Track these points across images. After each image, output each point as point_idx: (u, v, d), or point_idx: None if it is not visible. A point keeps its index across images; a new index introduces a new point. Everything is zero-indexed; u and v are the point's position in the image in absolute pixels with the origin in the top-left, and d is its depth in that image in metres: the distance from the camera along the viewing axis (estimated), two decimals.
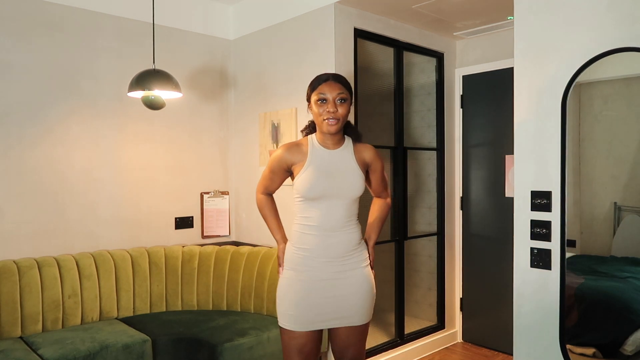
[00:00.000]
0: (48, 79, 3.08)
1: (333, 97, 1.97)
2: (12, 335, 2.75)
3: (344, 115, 1.99)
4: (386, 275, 3.97)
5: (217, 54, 3.86)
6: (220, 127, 3.88)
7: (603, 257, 2.30)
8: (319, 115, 1.99)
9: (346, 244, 2.05)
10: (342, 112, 1.98)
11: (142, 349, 2.67)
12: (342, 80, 2.03)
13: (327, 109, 1.97)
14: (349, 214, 2.06)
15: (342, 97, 1.98)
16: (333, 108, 1.96)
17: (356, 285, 2.06)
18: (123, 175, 3.38)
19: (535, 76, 2.20)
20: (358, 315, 2.07)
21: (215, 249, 3.45)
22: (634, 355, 2.09)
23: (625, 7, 1.96)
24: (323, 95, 1.98)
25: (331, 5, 3.11)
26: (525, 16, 2.24)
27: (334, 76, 2.03)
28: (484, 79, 3.88)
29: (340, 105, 1.98)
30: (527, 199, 2.23)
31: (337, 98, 1.97)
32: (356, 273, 2.07)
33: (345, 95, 2.00)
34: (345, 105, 1.99)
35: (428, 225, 4.07)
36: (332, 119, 1.96)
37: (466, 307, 4.05)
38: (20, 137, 2.99)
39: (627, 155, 2.22)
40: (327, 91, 1.97)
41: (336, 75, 2.05)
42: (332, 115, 1.96)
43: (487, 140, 3.90)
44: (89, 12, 3.23)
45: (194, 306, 3.35)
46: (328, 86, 1.98)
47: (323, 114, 1.98)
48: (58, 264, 2.97)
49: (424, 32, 3.73)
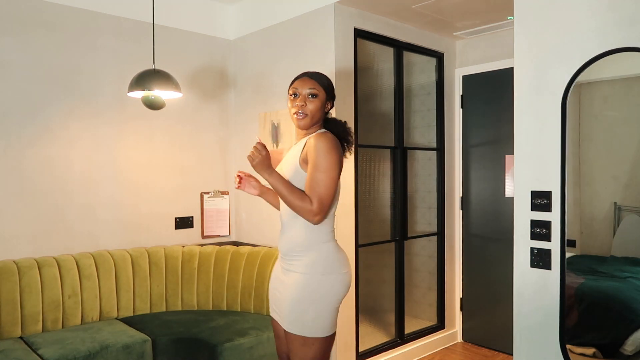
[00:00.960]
0: (48, 78, 3.08)
1: (304, 93, 2.00)
2: (12, 335, 2.75)
3: (312, 110, 1.99)
4: (386, 275, 3.98)
5: (217, 54, 3.86)
6: (220, 127, 3.88)
7: (603, 257, 2.30)
8: (290, 109, 2.03)
9: (288, 243, 2.00)
10: (310, 107, 1.99)
11: (142, 349, 2.67)
12: (318, 78, 2.04)
13: (296, 102, 2.00)
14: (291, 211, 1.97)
15: (313, 92, 2.00)
16: (302, 102, 1.99)
17: (287, 290, 1.97)
18: (123, 175, 3.38)
19: (535, 76, 2.20)
20: (285, 321, 1.98)
21: (215, 249, 3.45)
22: (634, 355, 2.09)
23: (626, 7, 1.96)
24: (295, 90, 2.02)
25: (331, 5, 3.11)
26: (525, 16, 2.24)
27: (311, 73, 2.06)
28: (484, 79, 3.88)
29: (310, 101, 2.00)
30: (527, 199, 2.23)
31: (309, 94, 2.00)
32: (291, 277, 1.97)
33: (317, 92, 2.00)
34: (315, 101, 2.00)
35: (428, 225, 4.07)
36: (300, 112, 1.99)
37: (466, 307, 4.06)
38: (20, 137, 2.99)
39: (627, 155, 2.22)
40: (299, 86, 2.02)
41: (314, 73, 2.07)
42: (299, 109, 1.99)
43: (487, 140, 3.90)
44: (88, 12, 3.23)
45: (194, 306, 3.35)
46: (301, 82, 2.03)
47: (293, 107, 2.02)
48: (58, 264, 2.97)
49: (424, 32, 3.73)
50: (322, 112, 2.03)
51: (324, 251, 1.96)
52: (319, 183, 1.86)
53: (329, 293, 1.94)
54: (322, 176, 1.86)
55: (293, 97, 2.02)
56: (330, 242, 1.98)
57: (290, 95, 2.03)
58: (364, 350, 3.39)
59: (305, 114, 1.99)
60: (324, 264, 1.95)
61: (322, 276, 1.94)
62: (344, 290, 1.98)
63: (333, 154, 1.88)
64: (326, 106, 2.05)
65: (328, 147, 1.88)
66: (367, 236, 3.76)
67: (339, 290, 1.97)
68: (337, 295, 1.96)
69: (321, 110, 2.02)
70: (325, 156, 1.87)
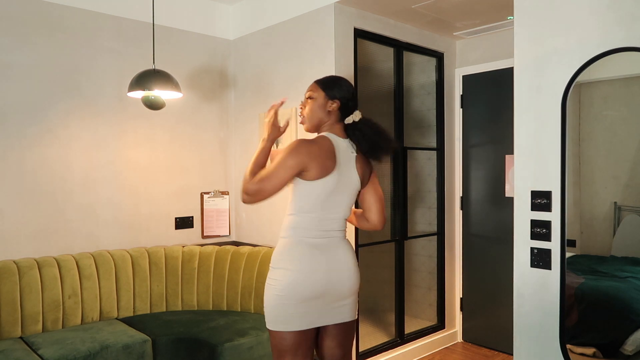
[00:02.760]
0: (48, 79, 3.08)
1: (305, 97, 2.10)
2: (12, 335, 2.75)
3: (307, 113, 2.07)
4: (386, 275, 3.97)
5: (217, 54, 3.86)
6: (220, 127, 3.88)
7: (603, 257, 2.30)
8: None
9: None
10: (306, 110, 2.08)
11: (142, 349, 2.67)
12: (320, 80, 2.10)
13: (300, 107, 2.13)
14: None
15: (309, 95, 2.07)
16: (301, 106, 2.10)
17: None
18: (123, 175, 3.38)
19: (535, 76, 2.20)
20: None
21: (215, 249, 3.45)
22: (634, 355, 2.09)
23: (626, 6, 1.96)
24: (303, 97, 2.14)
25: (331, 5, 3.11)
26: (525, 16, 2.24)
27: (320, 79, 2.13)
28: (484, 79, 3.88)
29: (307, 104, 2.08)
30: (527, 199, 2.23)
31: (307, 97, 2.09)
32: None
33: (312, 94, 2.05)
34: (310, 102, 2.06)
35: (428, 225, 4.07)
36: (300, 116, 2.12)
37: (466, 307, 4.06)
38: (20, 137, 2.99)
39: (627, 155, 2.22)
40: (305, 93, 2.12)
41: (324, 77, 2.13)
42: (300, 113, 2.11)
43: (487, 140, 3.90)
44: (89, 12, 3.23)
45: (194, 306, 3.35)
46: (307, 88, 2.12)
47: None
48: (58, 264, 2.97)
49: (424, 32, 3.73)
50: (321, 113, 2.03)
51: (279, 245, 2.02)
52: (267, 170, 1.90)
53: (271, 286, 1.97)
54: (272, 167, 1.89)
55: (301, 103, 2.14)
56: (287, 239, 1.99)
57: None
58: (364, 350, 3.39)
59: (303, 117, 2.09)
60: (275, 257, 2.01)
61: (271, 269, 2.01)
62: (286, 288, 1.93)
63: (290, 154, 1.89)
64: (329, 106, 2.03)
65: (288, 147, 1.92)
66: (367, 236, 3.76)
67: (281, 286, 1.94)
68: (278, 292, 1.94)
69: (318, 111, 2.03)
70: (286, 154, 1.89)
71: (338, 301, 2.02)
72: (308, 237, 1.97)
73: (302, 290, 1.93)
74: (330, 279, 1.97)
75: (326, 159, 1.94)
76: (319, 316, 2.00)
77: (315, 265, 1.95)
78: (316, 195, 1.95)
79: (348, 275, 2.02)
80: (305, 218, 1.97)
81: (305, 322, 1.97)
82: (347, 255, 2.03)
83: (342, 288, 2.01)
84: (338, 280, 1.99)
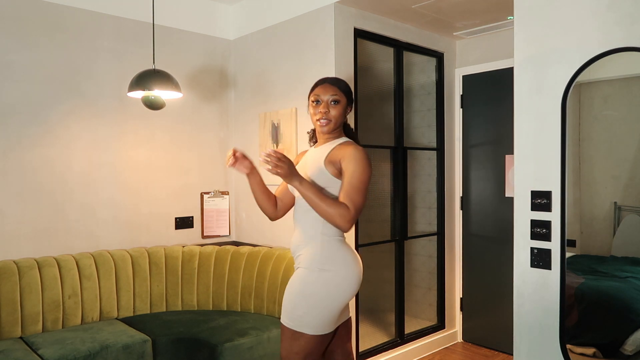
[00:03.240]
0: (48, 79, 3.08)
1: (326, 99, 2.04)
2: (12, 335, 2.75)
3: (335, 116, 2.05)
4: (386, 275, 3.97)
5: (217, 54, 3.86)
6: (220, 127, 3.88)
7: (603, 257, 2.30)
8: (314, 115, 2.07)
9: (297, 239, 2.05)
10: (334, 113, 2.04)
11: (142, 349, 2.67)
12: (339, 84, 2.08)
13: (319, 109, 2.05)
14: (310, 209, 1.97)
15: (335, 99, 2.04)
16: (325, 109, 2.04)
17: (290, 283, 2.03)
18: (123, 175, 3.38)
19: (535, 76, 2.20)
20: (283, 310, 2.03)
21: (215, 249, 3.45)
22: (634, 355, 2.09)
23: (625, 7, 1.96)
24: (317, 97, 2.06)
25: (331, 5, 3.11)
26: (525, 16, 2.24)
27: (332, 79, 2.10)
28: (484, 79, 3.88)
29: (333, 107, 2.04)
30: (527, 199, 2.23)
31: (331, 100, 2.04)
32: (296, 272, 2.02)
33: (339, 98, 2.05)
34: (338, 107, 2.05)
35: (428, 225, 4.07)
36: (323, 119, 2.04)
37: (466, 307, 4.06)
38: (21, 137, 2.99)
39: (627, 155, 2.22)
40: (321, 93, 2.05)
41: (335, 78, 2.11)
42: (323, 115, 2.04)
43: (487, 140, 3.90)
44: (89, 12, 3.23)
45: (194, 306, 3.35)
46: (323, 88, 2.06)
47: (316, 114, 2.06)
48: (58, 264, 2.97)
49: (424, 32, 3.73)
50: (343, 118, 2.09)
51: (324, 245, 1.97)
52: (357, 192, 1.91)
53: (322, 290, 1.93)
54: (361, 186, 1.92)
55: (315, 104, 2.06)
56: (334, 237, 1.98)
57: (312, 102, 2.08)
58: (364, 350, 3.39)
59: (329, 120, 2.04)
60: (323, 259, 1.95)
61: (320, 272, 1.94)
62: (340, 291, 1.93)
63: (368, 168, 1.96)
64: (347, 110, 2.11)
65: (366, 162, 1.95)
66: (367, 236, 3.76)
67: (336, 290, 1.93)
68: (331, 295, 1.93)
69: (343, 115, 2.08)
70: (365, 169, 1.94)
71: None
72: (341, 237, 2.03)
73: (352, 290, 1.97)
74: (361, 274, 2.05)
75: None
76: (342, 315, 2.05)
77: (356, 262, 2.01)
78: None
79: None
80: None
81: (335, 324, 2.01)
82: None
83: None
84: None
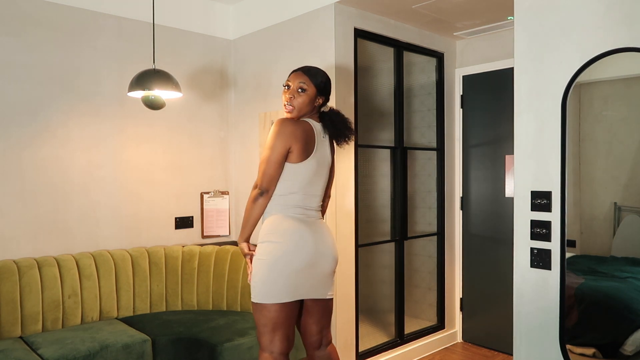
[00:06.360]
0: (48, 78, 3.08)
1: (295, 86, 2.14)
2: (12, 335, 2.75)
3: (300, 103, 2.14)
4: (386, 275, 3.98)
5: (217, 54, 3.86)
6: (220, 127, 3.88)
7: (603, 257, 2.30)
8: (283, 100, 2.18)
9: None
10: (299, 100, 2.14)
11: (142, 348, 2.67)
12: (310, 73, 2.16)
13: (287, 95, 2.16)
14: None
15: (303, 87, 2.13)
16: (291, 95, 2.14)
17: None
18: (123, 175, 3.38)
19: (535, 76, 2.20)
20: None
21: (215, 249, 3.45)
22: (634, 355, 2.09)
23: (625, 7, 1.96)
24: (288, 83, 2.18)
25: (331, 5, 3.11)
26: (525, 16, 2.24)
27: (305, 68, 2.19)
28: (484, 79, 3.88)
29: (299, 95, 2.14)
30: (527, 199, 2.23)
31: (298, 87, 2.14)
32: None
33: (306, 87, 2.13)
34: (303, 95, 2.14)
35: (428, 225, 4.07)
36: (288, 104, 2.14)
37: (466, 307, 4.06)
38: (20, 136, 2.99)
39: (627, 155, 2.22)
40: (292, 80, 2.17)
41: (309, 68, 2.20)
42: (289, 101, 2.14)
43: (487, 140, 3.90)
44: (89, 12, 3.23)
45: (194, 306, 3.35)
46: (294, 75, 2.17)
47: (284, 99, 2.18)
48: (58, 264, 2.97)
49: (424, 32, 3.73)
50: (310, 107, 2.17)
51: (269, 221, 2.16)
52: (263, 159, 2.10)
53: (261, 261, 2.12)
54: (264, 154, 2.10)
55: (285, 89, 2.17)
56: (278, 214, 2.14)
57: (284, 87, 2.18)
58: (364, 350, 3.39)
59: (292, 106, 2.14)
60: (264, 232, 2.15)
61: (260, 244, 2.15)
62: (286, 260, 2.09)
63: (274, 137, 2.07)
64: (317, 101, 2.17)
65: (273, 131, 2.08)
66: (367, 236, 3.76)
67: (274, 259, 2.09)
68: (270, 264, 2.09)
69: (309, 104, 2.16)
70: (272, 136, 2.08)
71: (321, 276, 2.18)
72: (294, 214, 2.16)
73: (293, 261, 2.11)
74: (318, 250, 2.14)
75: (308, 142, 2.12)
76: (304, 289, 2.15)
77: (306, 237, 2.13)
78: (302, 176, 2.13)
79: (331, 251, 2.20)
80: (292, 197, 2.15)
81: (293, 294, 2.12)
82: (329, 232, 2.26)
83: (326, 263, 2.18)
84: (323, 254, 2.16)
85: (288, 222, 2.13)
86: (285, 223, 2.13)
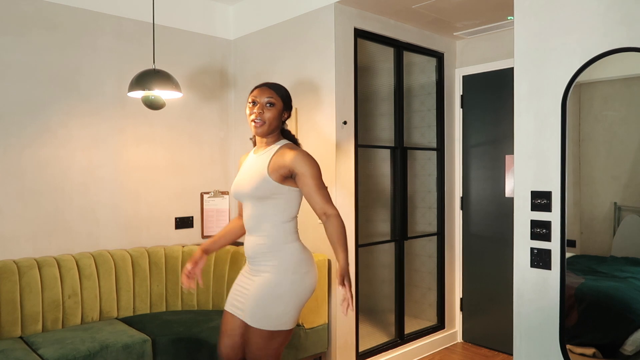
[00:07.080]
0: (48, 78, 3.08)
1: (262, 101, 2.12)
2: (12, 335, 2.75)
3: (270, 118, 2.11)
4: (386, 275, 3.98)
5: (217, 54, 3.86)
6: (220, 127, 3.88)
7: (603, 257, 2.30)
8: (249, 116, 2.14)
9: (254, 246, 2.13)
10: (268, 115, 2.11)
11: (142, 348, 2.67)
12: (275, 88, 2.16)
13: (254, 110, 2.12)
14: (260, 216, 2.10)
15: (271, 101, 2.12)
16: (260, 110, 2.11)
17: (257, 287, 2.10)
18: (123, 175, 3.38)
19: (535, 76, 2.20)
20: (249, 316, 2.09)
21: None
22: (634, 355, 2.09)
23: (625, 7, 1.96)
24: (254, 98, 2.13)
25: (331, 5, 3.11)
26: (525, 16, 2.24)
27: (270, 84, 2.18)
28: (484, 79, 3.88)
29: (268, 109, 2.11)
30: (527, 199, 2.23)
31: (266, 102, 2.12)
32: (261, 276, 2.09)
33: (274, 101, 2.12)
34: (272, 109, 2.12)
35: (428, 225, 4.08)
36: (258, 119, 2.11)
37: (466, 307, 4.06)
38: (20, 136, 2.99)
39: (627, 155, 2.22)
40: (257, 95, 2.14)
41: (273, 83, 2.19)
42: (258, 116, 2.11)
43: (487, 140, 3.90)
44: (89, 12, 3.23)
45: (194, 306, 3.35)
46: (260, 91, 2.15)
47: (251, 115, 2.12)
48: (58, 264, 2.97)
49: (424, 32, 3.73)
50: (279, 121, 2.16)
51: (290, 252, 2.10)
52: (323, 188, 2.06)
53: (297, 291, 2.09)
54: (322, 183, 2.07)
55: (252, 105, 2.14)
56: (295, 243, 2.13)
57: (249, 103, 2.16)
58: (364, 350, 3.39)
59: (263, 121, 2.11)
60: (293, 264, 2.09)
61: (292, 275, 2.08)
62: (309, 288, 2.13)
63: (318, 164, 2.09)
64: (283, 115, 2.18)
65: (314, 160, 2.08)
66: (367, 236, 3.76)
67: (306, 288, 2.12)
68: (304, 293, 2.12)
69: (278, 119, 2.15)
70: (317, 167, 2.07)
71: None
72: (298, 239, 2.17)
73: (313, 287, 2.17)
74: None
75: None
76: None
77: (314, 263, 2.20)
78: (299, 200, 2.16)
79: None
80: (294, 223, 2.16)
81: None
82: None
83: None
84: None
85: (307, 250, 2.18)
86: (306, 251, 2.17)
